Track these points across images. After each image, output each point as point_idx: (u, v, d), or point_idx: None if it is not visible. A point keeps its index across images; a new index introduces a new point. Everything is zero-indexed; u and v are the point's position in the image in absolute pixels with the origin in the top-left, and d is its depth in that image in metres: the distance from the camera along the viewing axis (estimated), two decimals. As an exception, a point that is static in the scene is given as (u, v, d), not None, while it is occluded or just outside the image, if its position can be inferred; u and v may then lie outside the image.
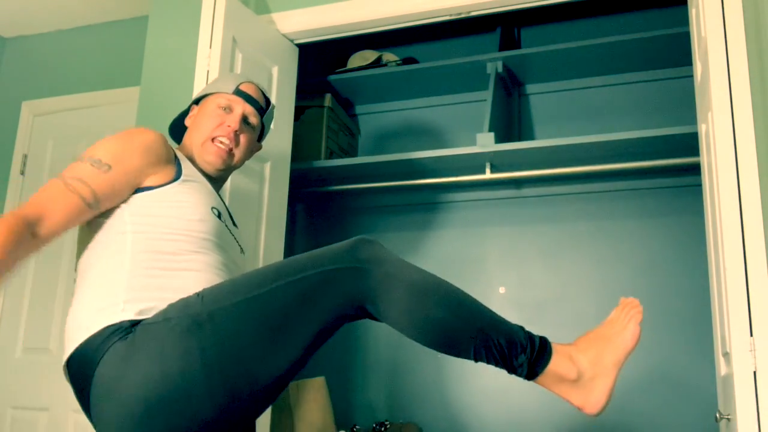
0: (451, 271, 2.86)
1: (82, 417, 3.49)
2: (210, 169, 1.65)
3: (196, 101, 1.76)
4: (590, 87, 2.83)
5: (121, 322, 1.31)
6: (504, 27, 2.91)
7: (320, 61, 3.10)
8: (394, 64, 2.96)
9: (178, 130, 1.81)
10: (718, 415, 1.66)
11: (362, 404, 2.84)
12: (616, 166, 2.53)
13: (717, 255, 1.73)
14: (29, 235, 1.28)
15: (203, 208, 1.49)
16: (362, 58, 3.03)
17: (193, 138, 1.67)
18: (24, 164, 3.47)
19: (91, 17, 3.49)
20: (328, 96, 2.92)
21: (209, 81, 2.26)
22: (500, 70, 2.71)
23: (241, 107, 1.69)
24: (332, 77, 2.98)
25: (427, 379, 2.79)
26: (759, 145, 1.67)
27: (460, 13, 2.41)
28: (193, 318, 1.27)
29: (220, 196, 1.68)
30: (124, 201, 1.45)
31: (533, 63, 2.77)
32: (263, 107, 1.75)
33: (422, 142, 3.00)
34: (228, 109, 1.68)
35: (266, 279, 1.31)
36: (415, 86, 2.99)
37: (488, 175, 2.63)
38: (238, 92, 1.70)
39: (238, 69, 2.32)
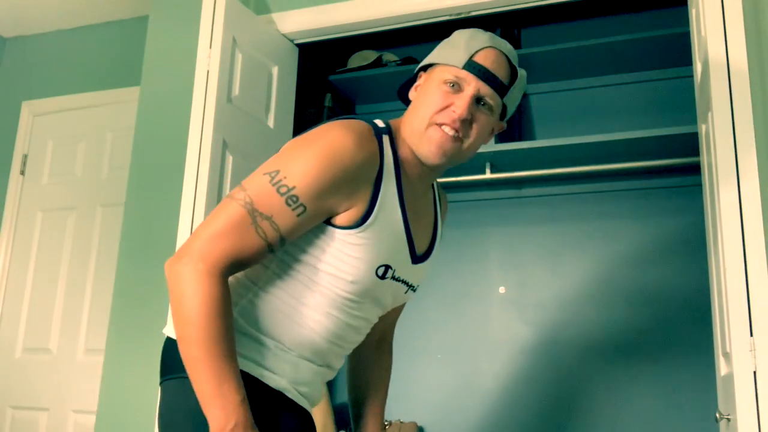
0: (452, 271, 2.87)
1: (82, 417, 3.48)
2: (427, 162, 1.33)
3: (425, 68, 1.37)
4: (590, 87, 2.83)
5: None
6: (504, 27, 2.90)
7: (320, 61, 3.09)
8: (394, 64, 2.96)
9: (407, 98, 1.43)
10: (718, 415, 1.66)
11: (362, 404, 2.84)
12: (616, 166, 2.53)
13: (717, 255, 1.72)
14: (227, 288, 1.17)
15: (366, 269, 1.26)
16: (362, 58, 3.03)
17: (412, 120, 1.32)
18: (24, 164, 3.47)
19: (91, 17, 3.49)
20: (328, 96, 2.92)
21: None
22: (500, 70, 2.71)
23: (473, 86, 1.28)
24: (332, 77, 2.98)
25: (427, 379, 2.78)
26: (759, 145, 1.67)
27: (460, 13, 2.41)
28: None
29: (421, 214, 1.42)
30: None
31: (533, 63, 2.76)
32: (505, 83, 1.34)
33: (422, 142, 2.99)
34: (456, 87, 1.29)
35: None
36: (415, 86, 2.98)
37: (488, 175, 2.63)
38: (471, 66, 1.29)
39: (238, 69, 2.32)
